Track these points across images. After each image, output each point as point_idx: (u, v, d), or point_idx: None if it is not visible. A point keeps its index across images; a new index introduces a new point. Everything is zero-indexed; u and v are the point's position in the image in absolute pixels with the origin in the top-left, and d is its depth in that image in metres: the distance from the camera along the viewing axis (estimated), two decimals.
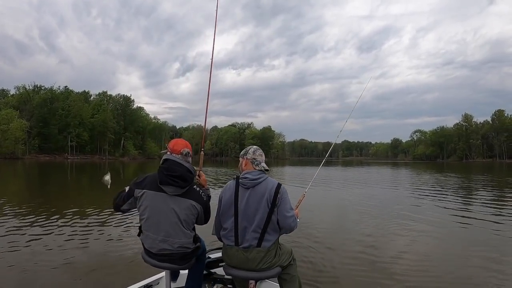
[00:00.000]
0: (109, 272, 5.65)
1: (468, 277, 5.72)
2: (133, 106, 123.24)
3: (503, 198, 16.08)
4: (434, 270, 5.98)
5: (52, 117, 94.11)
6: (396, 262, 6.35)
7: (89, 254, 6.63)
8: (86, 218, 9.95)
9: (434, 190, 19.45)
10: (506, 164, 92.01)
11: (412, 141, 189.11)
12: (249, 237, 3.08)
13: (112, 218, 9.91)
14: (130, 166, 58.92)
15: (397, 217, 10.81)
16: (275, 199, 3.08)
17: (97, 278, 5.38)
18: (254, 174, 3.19)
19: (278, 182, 3.19)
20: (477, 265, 6.36)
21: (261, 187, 3.13)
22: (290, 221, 3.12)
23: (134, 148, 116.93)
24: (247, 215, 3.10)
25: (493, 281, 5.45)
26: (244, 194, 3.15)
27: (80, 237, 7.88)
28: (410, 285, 5.30)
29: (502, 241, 8.11)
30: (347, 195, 17.21)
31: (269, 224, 3.07)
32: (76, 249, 6.89)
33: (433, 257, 6.75)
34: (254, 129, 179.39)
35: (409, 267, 6.09)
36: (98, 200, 13.62)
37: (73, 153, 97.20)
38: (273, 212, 3.07)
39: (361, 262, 6.33)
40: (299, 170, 46.17)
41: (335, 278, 5.59)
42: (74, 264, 5.99)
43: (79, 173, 37.19)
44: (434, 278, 5.59)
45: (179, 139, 3.35)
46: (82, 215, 10.41)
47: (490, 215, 11.41)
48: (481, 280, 5.55)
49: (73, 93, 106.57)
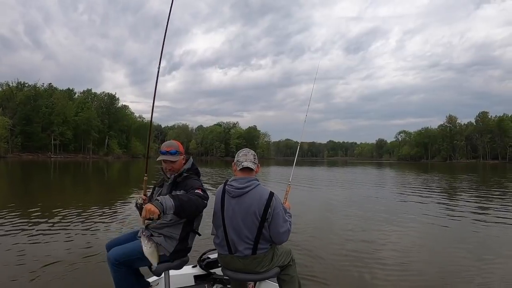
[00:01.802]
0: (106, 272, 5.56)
1: (453, 271, 5.81)
2: (118, 105, 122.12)
3: (488, 197, 16.17)
4: (419, 265, 6.03)
5: (35, 115, 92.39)
6: (381, 257, 6.35)
7: (86, 253, 6.49)
8: (80, 217, 9.81)
9: (419, 190, 19.58)
10: (490, 164, 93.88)
11: (397, 141, 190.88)
12: (242, 248, 2.97)
13: (109, 218, 9.82)
14: (115, 165, 58.38)
15: (382, 216, 10.82)
16: (266, 213, 2.92)
17: (95, 278, 5.26)
18: (241, 182, 3.00)
19: (270, 191, 3.01)
20: (462, 260, 6.48)
21: (249, 197, 2.96)
22: (283, 237, 3.00)
23: (119, 147, 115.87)
24: (235, 226, 2.97)
25: (477, 279, 5.47)
26: (230, 203, 3.01)
27: (80, 237, 7.80)
28: (398, 278, 5.37)
29: (485, 238, 8.27)
30: (332, 195, 17.25)
31: (260, 236, 2.96)
32: (76, 249, 6.77)
33: (418, 253, 6.87)
34: (240, 129, 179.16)
35: (397, 263, 6.14)
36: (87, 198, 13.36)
37: (56, 151, 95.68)
38: (263, 226, 2.94)
39: (350, 260, 6.32)
40: (282, 170, 46.07)
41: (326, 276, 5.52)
42: (74, 264, 5.91)
43: (63, 172, 36.68)
44: (418, 273, 5.70)
45: (174, 141, 3.52)
46: (72, 214, 10.23)
47: (474, 213, 11.57)
48: (466, 274, 5.64)
49: (57, 90, 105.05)
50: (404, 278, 5.49)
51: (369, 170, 49.95)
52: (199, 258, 3.99)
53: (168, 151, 3.32)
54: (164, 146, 3.36)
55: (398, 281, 5.37)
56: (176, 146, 3.38)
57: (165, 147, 3.34)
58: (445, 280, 5.41)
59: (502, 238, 8.32)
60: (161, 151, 3.34)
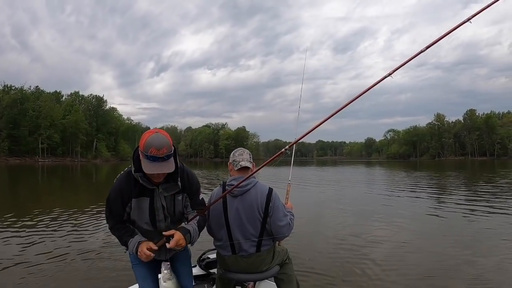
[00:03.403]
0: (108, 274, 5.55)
1: (448, 263, 5.94)
2: (105, 107, 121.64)
3: (477, 193, 16.24)
4: (412, 261, 6.10)
5: (22, 118, 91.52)
6: (374, 252, 6.34)
7: (87, 256, 6.53)
8: (74, 220, 9.73)
9: (409, 186, 19.63)
10: (478, 161, 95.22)
11: (385, 140, 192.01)
12: (246, 246, 2.97)
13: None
14: (103, 168, 57.85)
15: (374, 213, 10.80)
16: (267, 208, 2.95)
17: (99, 280, 5.28)
18: (240, 180, 2.96)
19: (269, 187, 3.04)
20: (453, 254, 6.56)
21: (250, 194, 2.96)
22: (284, 230, 2.99)
23: (107, 150, 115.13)
24: (239, 225, 2.96)
25: (471, 271, 5.53)
26: (233, 203, 2.98)
27: (77, 237, 7.81)
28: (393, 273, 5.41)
29: (475, 232, 8.43)
30: (323, 194, 17.24)
31: (264, 232, 2.97)
32: (76, 250, 6.82)
33: (412, 248, 6.96)
34: (229, 130, 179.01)
35: (388, 257, 6.25)
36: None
37: (44, 155, 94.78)
38: (267, 221, 2.96)
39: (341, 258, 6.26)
40: (275, 170, 46.03)
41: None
42: (75, 265, 5.96)
43: (50, 176, 36.27)
44: (411, 268, 5.77)
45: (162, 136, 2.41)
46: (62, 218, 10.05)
47: (464, 208, 11.73)
48: (456, 265, 5.84)
49: (44, 93, 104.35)
50: (399, 271, 5.49)
51: (360, 169, 50.23)
52: (199, 258, 3.97)
53: (162, 156, 2.29)
54: (152, 148, 2.25)
55: (394, 275, 5.37)
56: (169, 145, 2.32)
57: (155, 150, 2.25)
58: (443, 272, 5.52)
59: (494, 230, 8.56)
60: (150, 157, 2.27)
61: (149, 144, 2.26)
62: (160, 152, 2.25)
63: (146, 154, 2.26)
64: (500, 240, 7.56)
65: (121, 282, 4.79)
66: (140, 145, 2.32)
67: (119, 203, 2.51)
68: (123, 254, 6.58)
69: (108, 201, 2.55)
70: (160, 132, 2.35)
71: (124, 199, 2.50)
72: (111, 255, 6.44)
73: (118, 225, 2.59)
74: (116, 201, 2.51)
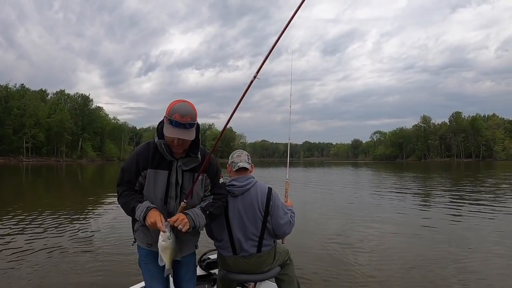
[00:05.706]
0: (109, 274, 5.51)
1: (432, 270, 5.92)
2: (91, 106, 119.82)
3: (463, 194, 16.24)
4: (397, 264, 6.14)
5: (6, 117, 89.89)
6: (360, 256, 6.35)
7: (91, 254, 6.62)
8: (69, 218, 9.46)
9: (395, 189, 19.73)
10: (464, 163, 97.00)
11: (372, 141, 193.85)
12: (247, 246, 3.00)
13: (105, 221, 9.89)
14: (89, 168, 57.30)
15: (362, 216, 10.78)
16: (268, 206, 3.01)
17: (99, 278, 5.25)
18: (241, 180, 3.04)
19: (269, 186, 3.10)
20: (440, 258, 6.56)
21: (251, 194, 3.01)
22: (284, 228, 3.07)
23: (93, 150, 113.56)
24: (240, 225, 2.99)
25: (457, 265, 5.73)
26: (233, 203, 3.01)
27: (79, 237, 7.94)
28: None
29: (463, 235, 8.53)
30: (311, 196, 17.10)
31: (265, 231, 3.01)
32: (78, 250, 6.92)
33: (397, 252, 6.95)
34: (216, 130, 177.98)
35: (376, 260, 6.29)
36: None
37: (28, 155, 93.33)
38: (267, 220, 3.01)
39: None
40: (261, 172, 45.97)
41: None
42: (77, 262, 6.01)
43: (34, 176, 35.77)
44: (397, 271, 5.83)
45: (188, 105, 2.44)
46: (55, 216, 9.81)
47: (450, 210, 12.02)
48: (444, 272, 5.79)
49: (29, 91, 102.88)
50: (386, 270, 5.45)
51: (347, 170, 50.33)
52: (199, 258, 3.95)
53: (185, 123, 2.33)
54: (176, 114, 2.30)
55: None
56: (193, 115, 2.37)
57: (179, 116, 2.30)
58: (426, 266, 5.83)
59: (480, 229, 8.94)
60: (173, 122, 2.31)
61: (174, 110, 2.32)
62: (183, 119, 2.31)
63: (170, 119, 2.32)
64: (485, 237, 7.93)
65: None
66: (166, 111, 2.37)
67: (134, 169, 2.50)
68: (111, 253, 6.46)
69: (122, 167, 2.57)
70: (187, 102, 2.40)
71: (139, 165, 2.49)
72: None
73: (127, 191, 2.53)
74: (131, 166, 2.52)
